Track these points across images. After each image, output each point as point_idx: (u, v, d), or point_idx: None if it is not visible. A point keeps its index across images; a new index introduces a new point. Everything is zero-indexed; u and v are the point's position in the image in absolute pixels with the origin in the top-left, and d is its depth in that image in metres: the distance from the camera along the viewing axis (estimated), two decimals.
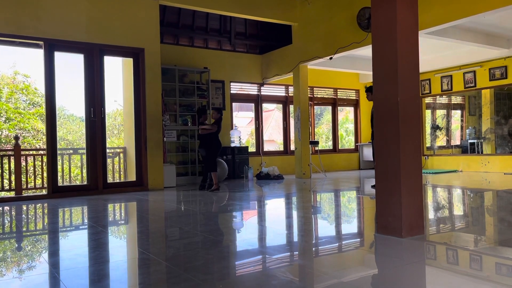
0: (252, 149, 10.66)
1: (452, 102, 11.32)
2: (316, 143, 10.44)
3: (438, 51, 9.62)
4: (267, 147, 11.33)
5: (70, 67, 7.91)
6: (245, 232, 4.00)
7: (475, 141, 10.65)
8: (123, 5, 7.41)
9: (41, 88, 11.56)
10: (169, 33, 9.41)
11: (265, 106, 11.54)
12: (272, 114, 14.99)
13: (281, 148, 11.35)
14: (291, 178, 9.35)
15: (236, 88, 10.38)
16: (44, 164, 7.14)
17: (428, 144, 11.41)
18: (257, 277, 2.53)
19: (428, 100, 11.33)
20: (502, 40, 8.73)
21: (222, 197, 6.60)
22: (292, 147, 10.58)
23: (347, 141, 12.53)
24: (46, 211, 5.60)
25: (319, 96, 11.71)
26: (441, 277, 2.43)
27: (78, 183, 8.14)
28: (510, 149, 9.84)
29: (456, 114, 11.60)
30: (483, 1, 5.81)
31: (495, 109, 10.25)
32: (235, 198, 6.40)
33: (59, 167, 7.14)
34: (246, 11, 8.75)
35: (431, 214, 4.52)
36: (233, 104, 10.40)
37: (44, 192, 6.94)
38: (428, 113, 11.51)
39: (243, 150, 9.74)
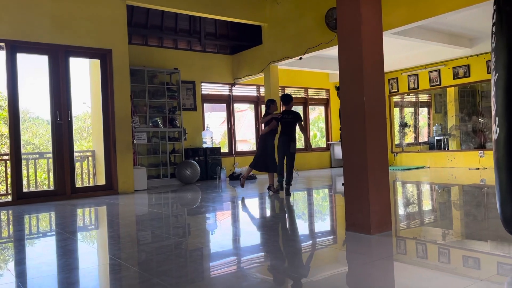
0: (225, 149, 10.62)
1: (419, 100, 11.64)
2: None
3: (404, 51, 9.86)
4: (240, 147, 11.32)
5: (35, 68, 7.66)
6: (218, 234, 3.98)
7: (441, 137, 10.98)
8: (88, 5, 7.23)
9: (4, 91, 11.12)
10: (138, 33, 9.26)
11: (238, 106, 11.52)
12: (245, 114, 14.99)
13: (254, 148, 11.36)
14: (264, 178, 9.37)
15: (207, 88, 10.32)
16: (8, 169, 6.89)
17: (397, 142, 11.68)
18: (228, 279, 2.52)
19: (396, 98, 11.59)
20: (464, 39, 9.03)
21: (194, 199, 6.56)
22: None
23: (322, 142, 12.63)
24: (10, 218, 5.40)
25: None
26: (408, 272, 2.49)
27: (45, 188, 7.89)
28: (474, 145, 10.19)
29: (423, 112, 11.93)
30: (446, 2, 5.99)
31: (459, 107, 10.60)
32: (208, 199, 6.36)
33: (24, 172, 6.91)
34: (215, 12, 8.72)
35: (399, 210, 4.63)
36: (205, 104, 10.34)
37: (9, 198, 6.70)
38: (396, 111, 11.78)
39: (216, 150, 9.69)
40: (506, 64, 2.36)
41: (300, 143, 11.20)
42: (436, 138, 11.09)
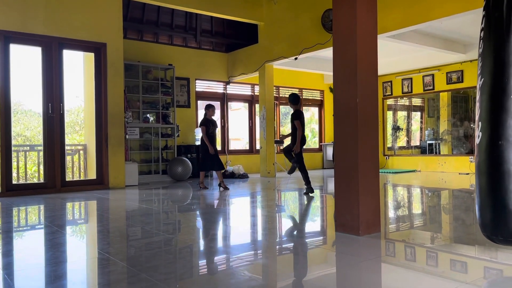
0: (217, 147, 10.59)
1: (413, 104, 11.70)
2: (281, 142, 10.51)
3: (399, 54, 9.91)
4: (234, 146, 11.30)
5: (28, 60, 7.59)
6: (208, 231, 3.98)
7: (433, 142, 11.05)
8: None
9: None
10: (133, 28, 9.21)
11: (232, 104, 11.51)
12: (240, 112, 14.97)
13: (247, 146, 11.36)
14: (256, 177, 9.38)
15: (201, 86, 10.30)
16: None
17: (389, 145, 11.73)
18: (217, 276, 2.52)
19: (389, 101, 11.65)
20: (458, 45, 9.10)
21: (185, 196, 6.55)
22: (258, 146, 10.61)
23: (314, 142, 12.65)
24: None
25: (286, 96, 11.79)
26: (395, 273, 2.51)
27: (35, 181, 7.82)
28: (465, 150, 10.27)
29: (416, 116, 12.00)
30: (441, 7, 6.03)
31: (451, 112, 10.67)
32: (198, 196, 6.35)
33: (14, 164, 6.85)
34: (212, 9, 8.69)
35: (389, 212, 4.65)
36: (199, 102, 10.30)
37: None
38: (389, 114, 11.84)
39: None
40: (492, 70, 2.37)
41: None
42: (428, 142, 11.16)
